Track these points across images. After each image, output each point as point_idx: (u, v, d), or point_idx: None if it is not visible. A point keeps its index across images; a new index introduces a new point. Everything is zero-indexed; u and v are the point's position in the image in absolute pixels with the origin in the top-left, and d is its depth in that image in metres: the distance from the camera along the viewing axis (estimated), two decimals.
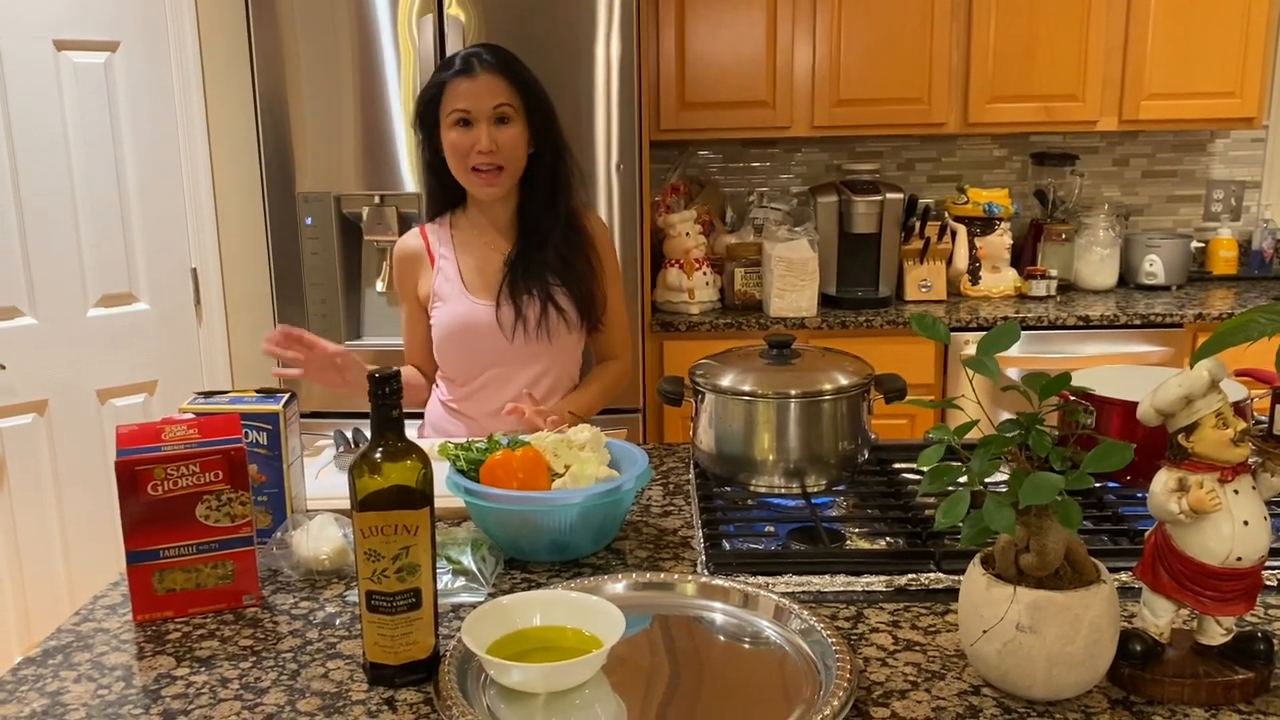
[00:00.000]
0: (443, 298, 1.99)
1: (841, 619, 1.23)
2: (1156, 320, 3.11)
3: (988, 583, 1.04)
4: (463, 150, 1.89)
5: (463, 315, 1.97)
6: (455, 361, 2.01)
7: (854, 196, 3.24)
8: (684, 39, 3.24)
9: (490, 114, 1.88)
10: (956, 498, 0.99)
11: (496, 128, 1.89)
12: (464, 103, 1.88)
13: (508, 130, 1.90)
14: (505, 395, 1.99)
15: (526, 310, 1.95)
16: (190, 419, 1.28)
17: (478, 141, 1.88)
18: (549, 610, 1.17)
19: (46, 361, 2.69)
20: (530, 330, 1.96)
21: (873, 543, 1.43)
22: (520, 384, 1.99)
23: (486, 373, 1.99)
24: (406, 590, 1.09)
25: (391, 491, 1.09)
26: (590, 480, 1.39)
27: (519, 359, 1.98)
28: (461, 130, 1.89)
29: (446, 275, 2.00)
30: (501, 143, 1.89)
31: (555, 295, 1.96)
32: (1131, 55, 3.25)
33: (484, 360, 1.99)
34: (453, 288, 1.99)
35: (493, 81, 1.89)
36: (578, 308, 1.99)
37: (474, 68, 1.90)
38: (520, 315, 1.95)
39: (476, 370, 2.00)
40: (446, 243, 2.02)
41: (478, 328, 1.96)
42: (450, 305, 1.98)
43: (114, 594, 1.35)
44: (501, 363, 1.98)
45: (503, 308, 1.95)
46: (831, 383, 1.53)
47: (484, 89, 1.89)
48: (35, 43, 2.58)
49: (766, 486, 1.56)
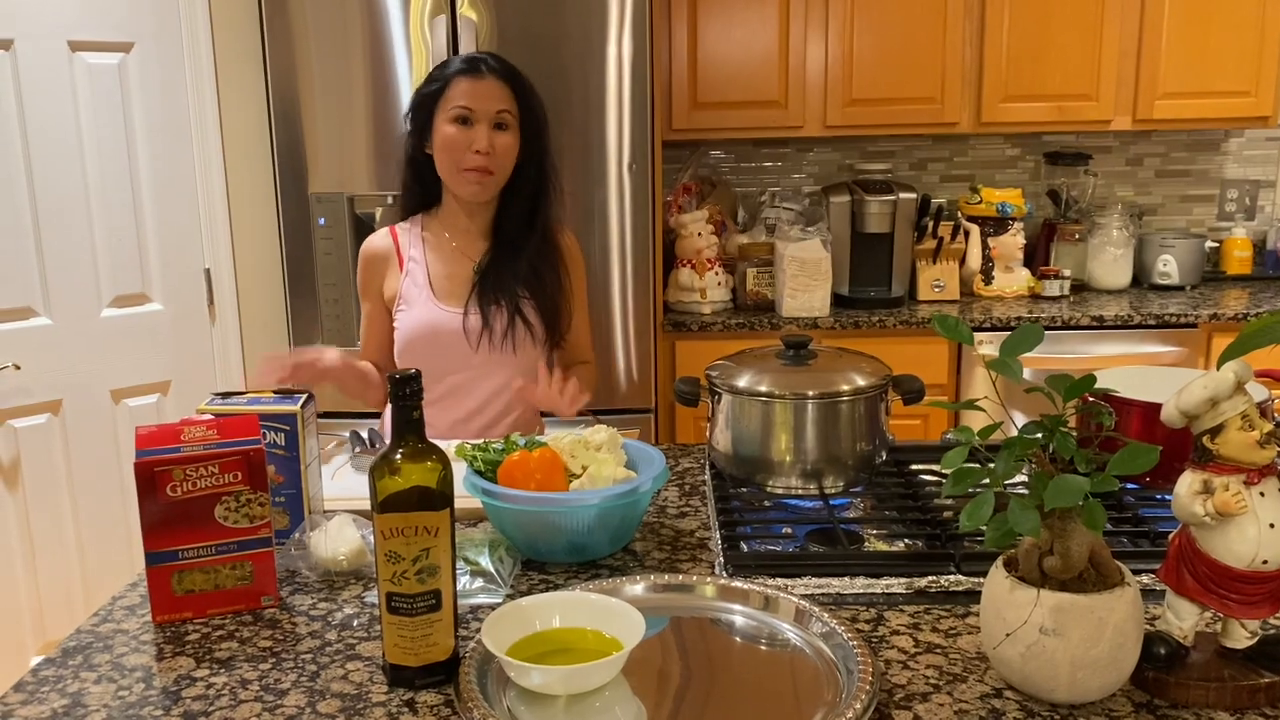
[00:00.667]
0: (409, 301, 1.98)
1: (862, 621, 1.22)
2: (1171, 320, 3.10)
3: (1011, 585, 1.03)
4: (458, 147, 1.88)
5: (428, 321, 1.95)
6: (418, 366, 1.98)
7: (867, 196, 3.23)
8: (696, 38, 3.24)
9: (491, 117, 1.88)
10: (980, 500, 0.99)
11: (494, 132, 1.89)
12: (467, 101, 1.88)
13: (504, 137, 1.90)
14: (466, 405, 1.98)
15: (493, 320, 1.94)
16: (209, 420, 1.29)
17: (475, 141, 1.87)
18: (568, 612, 1.16)
19: (61, 362, 2.70)
20: (496, 341, 1.94)
21: (891, 544, 1.43)
22: (481, 394, 1.98)
23: (447, 379, 1.97)
24: (427, 592, 1.09)
25: (412, 493, 1.09)
26: (608, 481, 1.39)
27: (482, 369, 1.96)
28: (460, 127, 1.88)
29: (415, 279, 1.98)
30: (497, 148, 1.89)
31: (523, 308, 1.95)
32: (1146, 54, 3.23)
33: (446, 368, 1.96)
34: (420, 292, 1.97)
35: (497, 87, 1.90)
36: (544, 322, 1.97)
37: (481, 70, 1.90)
38: (487, 325, 1.93)
39: (437, 377, 1.96)
40: (417, 245, 2.00)
41: (443, 334, 1.95)
42: (416, 310, 1.97)
43: (132, 595, 1.35)
44: (463, 370, 1.96)
45: (470, 316, 1.94)
46: (849, 384, 1.53)
47: (489, 92, 1.89)
48: (50, 43, 2.59)
49: (784, 488, 1.55)
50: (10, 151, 2.55)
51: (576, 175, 2.86)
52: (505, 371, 1.96)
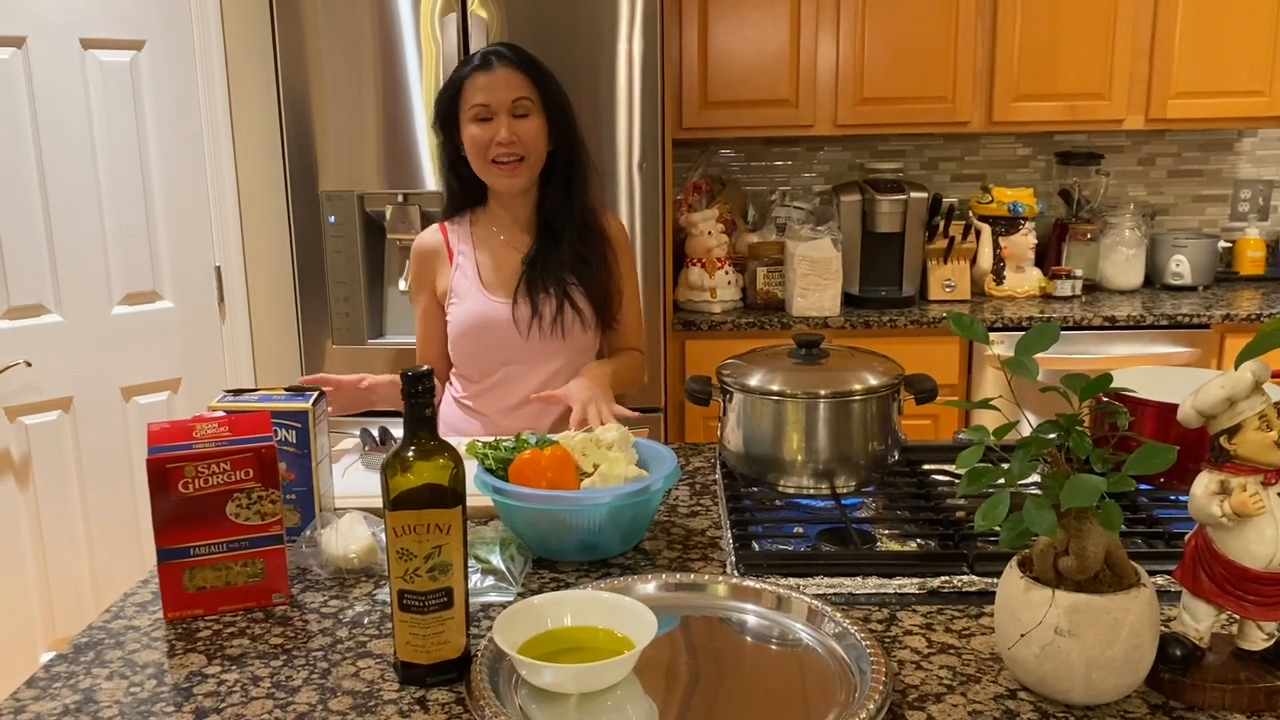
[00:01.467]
0: (460, 294, 2.00)
1: (874, 621, 1.21)
2: (1183, 321, 3.08)
3: (1025, 585, 1.03)
4: (483, 144, 1.90)
5: (479, 312, 1.97)
6: (470, 358, 2.01)
7: (878, 195, 3.22)
8: (707, 36, 3.23)
9: (509, 107, 1.89)
10: (996, 500, 0.98)
11: (515, 121, 1.89)
12: (482, 96, 1.89)
13: (527, 124, 1.90)
14: (520, 392, 2.00)
15: (542, 308, 1.95)
16: (221, 417, 1.28)
17: (497, 134, 1.88)
18: (580, 610, 1.16)
19: (71, 359, 2.70)
20: (545, 327, 1.96)
21: (903, 544, 1.42)
22: (535, 381, 1.99)
23: (501, 370, 2.00)
24: (438, 589, 1.09)
25: (424, 490, 1.09)
26: (619, 480, 1.39)
27: (534, 356, 1.98)
28: (481, 125, 1.90)
29: (464, 272, 2.00)
30: (521, 134, 1.89)
31: (571, 293, 1.96)
32: (1158, 53, 3.22)
33: (499, 357, 1.99)
34: (470, 285, 1.99)
35: (511, 76, 1.90)
36: (593, 306, 1.99)
37: (491, 63, 1.91)
38: (536, 312, 1.95)
39: (491, 367, 2.00)
40: (466, 240, 2.02)
41: (494, 324, 1.97)
42: (467, 302, 1.99)
43: (144, 591, 1.35)
44: (516, 360, 1.99)
45: (519, 305, 1.96)
46: (861, 383, 1.52)
47: (502, 82, 1.89)
48: (62, 41, 2.59)
49: (795, 487, 1.55)
50: (22, 149, 2.56)
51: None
52: (557, 359, 1.98)
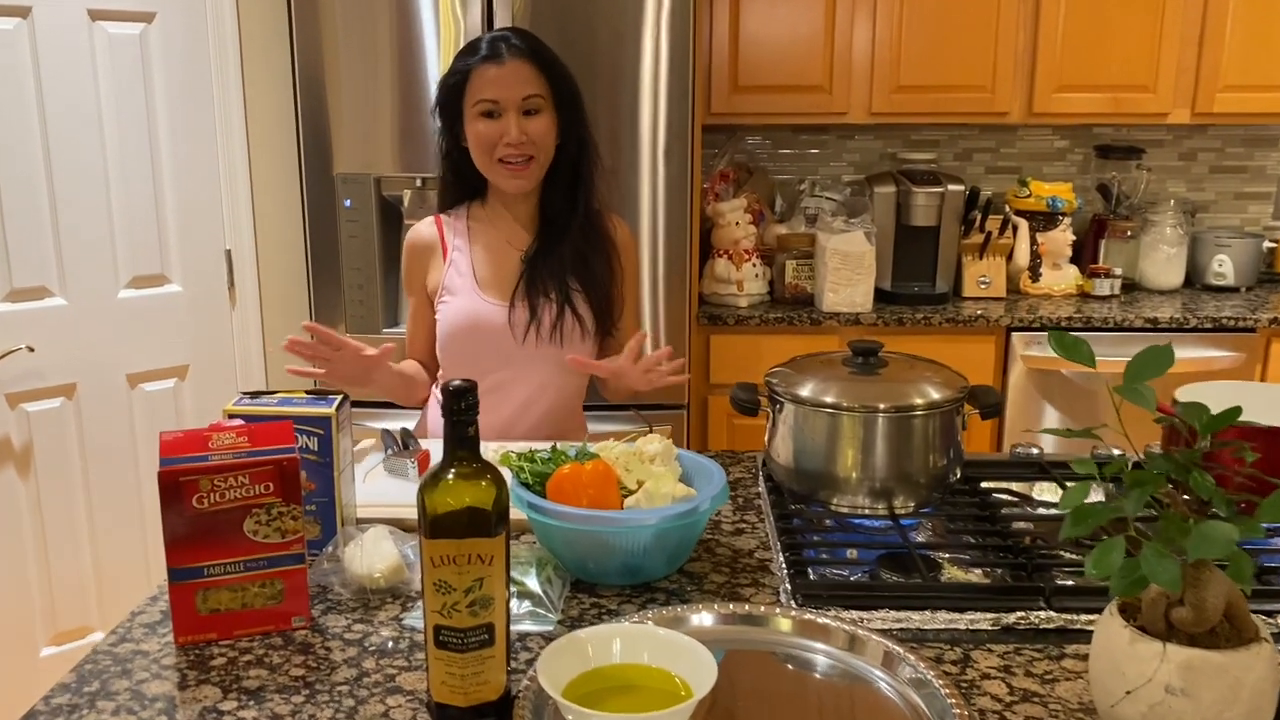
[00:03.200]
0: (452, 292, 1.87)
1: (948, 662, 1.12)
2: (1228, 324, 2.97)
3: (1131, 637, 0.93)
4: (490, 142, 1.77)
5: (471, 312, 1.85)
6: (458, 362, 1.88)
7: (914, 188, 3.10)
8: (738, 18, 3.11)
9: (519, 104, 1.76)
10: (1110, 545, 0.88)
11: (525, 118, 1.77)
12: (491, 91, 1.76)
13: (537, 121, 1.78)
14: (510, 404, 1.87)
15: (542, 312, 1.83)
16: (240, 425, 1.18)
17: (506, 133, 1.76)
18: (631, 646, 1.06)
19: (76, 344, 2.60)
20: (543, 334, 1.84)
21: (967, 571, 1.32)
22: (525, 391, 1.87)
23: (490, 376, 1.85)
24: (479, 626, 0.99)
25: (464, 515, 0.98)
26: (666, 499, 1.29)
27: (527, 364, 1.86)
28: (488, 121, 1.77)
29: (459, 269, 1.87)
30: (531, 133, 1.77)
31: (573, 299, 1.84)
32: (1208, 45, 3.09)
33: (489, 363, 1.85)
34: (464, 282, 1.86)
35: (522, 69, 1.77)
36: (594, 313, 1.87)
37: (502, 54, 1.77)
38: (535, 317, 1.83)
39: (479, 374, 1.83)
40: (461, 234, 1.89)
41: (487, 327, 1.84)
42: (459, 300, 1.86)
43: (152, 610, 1.25)
44: (507, 366, 1.86)
45: (517, 308, 1.83)
46: (923, 396, 1.42)
47: (513, 77, 1.76)
48: (69, 12, 2.48)
49: (849, 506, 1.45)
50: (27, 124, 2.45)
51: (611, 160, 2.73)
52: (548, 368, 1.86)
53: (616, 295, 1.90)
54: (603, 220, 1.91)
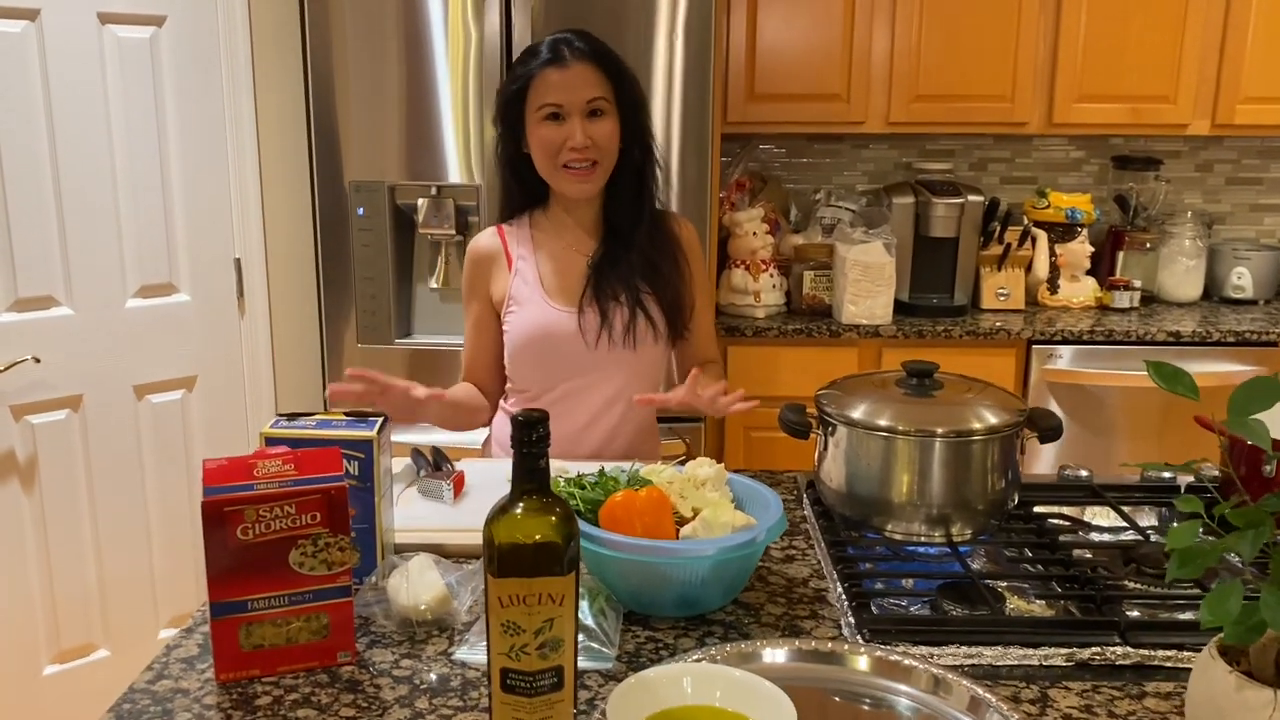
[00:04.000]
0: (520, 302, 1.83)
1: (1026, 702, 1.07)
2: (1250, 338, 2.94)
3: (1238, 683, 0.88)
4: (554, 147, 1.73)
5: (541, 321, 1.81)
6: (529, 372, 1.85)
7: (933, 198, 3.06)
8: (755, 26, 3.06)
9: (584, 107, 1.72)
10: (1228, 590, 0.83)
11: (590, 121, 1.72)
12: (555, 96, 1.72)
13: (602, 124, 1.73)
14: (582, 411, 1.83)
15: (613, 316, 1.79)
16: (285, 452, 1.13)
17: (571, 137, 1.71)
18: (702, 686, 1.01)
19: (82, 354, 2.54)
20: (616, 338, 1.79)
21: (1030, 602, 1.28)
22: (599, 398, 1.83)
23: (561, 385, 1.83)
24: (548, 669, 0.94)
25: (531, 550, 0.94)
26: (725, 528, 1.24)
27: (598, 370, 1.82)
28: (552, 125, 1.72)
29: (525, 278, 1.83)
30: (596, 137, 1.72)
31: (644, 300, 1.80)
32: (1228, 56, 3.06)
33: (560, 372, 1.82)
34: (531, 292, 1.82)
35: (586, 72, 1.73)
36: (665, 315, 1.83)
37: (565, 57, 1.73)
38: (606, 321, 1.79)
39: (551, 383, 1.83)
40: (525, 244, 1.85)
41: (557, 335, 1.80)
42: (528, 310, 1.82)
43: (188, 644, 1.20)
44: (579, 374, 1.82)
45: (586, 313, 1.79)
46: (981, 421, 1.38)
47: (577, 80, 1.72)
48: (78, 14, 2.42)
49: (904, 533, 1.40)
50: (34, 129, 2.39)
51: None
52: (623, 374, 1.82)
53: (686, 296, 1.86)
54: (668, 221, 1.87)
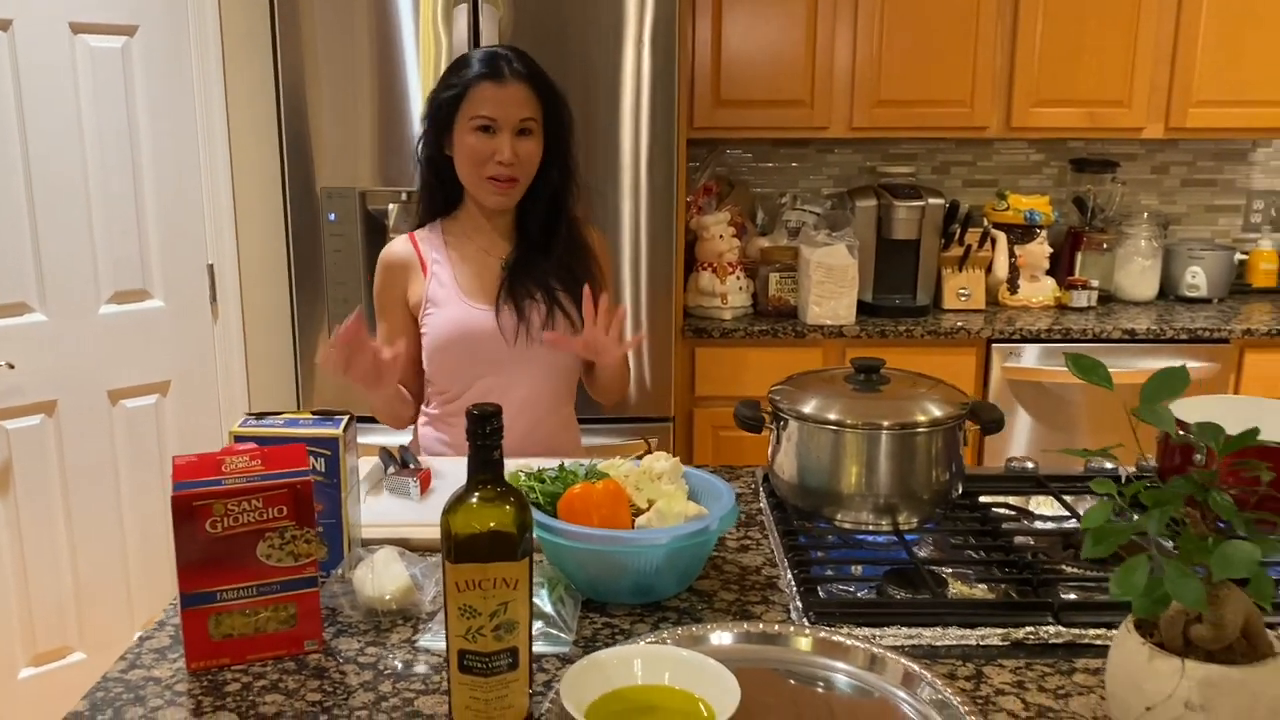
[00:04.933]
0: (437, 303, 1.88)
1: (961, 679, 1.13)
2: (1203, 335, 3.03)
3: (1149, 654, 0.94)
4: (481, 157, 1.80)
5: (460, 320, 1.86)
6: (448, 371, 1.89)
7: (895, 201, 3.13)
8: (720, 33, 3.13)
9: (515, 125, 1.79)
10: (1134, 565, 0.89)
11: (517, 139, 1.80)
12: (490, 109, 1.78)
13: (528, 143, 1.81)
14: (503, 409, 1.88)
15: (530, 314, 1.85)
16: (252, 449, 1.18)
17: (499, 151, 1.78)
18: (652, 667, 1.07)
19: (56, 360, 2.57)
20: (534, 334, 1.85)
21: (972, 586, 1.34)
22: (516, 396, 1.87)
23: (479, 384, 1.88)
24: (504, 650, 0.99)
25: (487, 539, 0.99)
26: (678, 518, 1.29)
27: (516, 367, 1.87)
28: (481, 137, 1.79)
29: (441, 280, 1.88)
30: (521, 156, 1.80)
31: (560, 298, 1.87)
32: (1180, 61, 3.15)
33: (479, 369, 1.87)
34: (448, 292, 1.88)
35: (521, 92, 1.80)
36: (581, 313, 1.87)
37: (503, 74, 1.79)
38: (524, 318, 1.85)
39: (469, 381, 1.88)
40: (438, 248, 1.91)
41: (476, 333, 1.85)
42: (446, 310, 1.87)
43: (161, 635, 1.24)
44: (497, 371, 1.88)
45: (503, 311, 1.85)
46: (926, 414, 1.43)
47: (512, 99, 1.79)
48: (51, 24, 2.45)
49: (853, 522, 1.46)
50: (7, 138, 2.42)
51: (594, 174, 2.75)
52: (540, 371, 1.88)
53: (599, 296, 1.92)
54: (581, 230, 1.94)
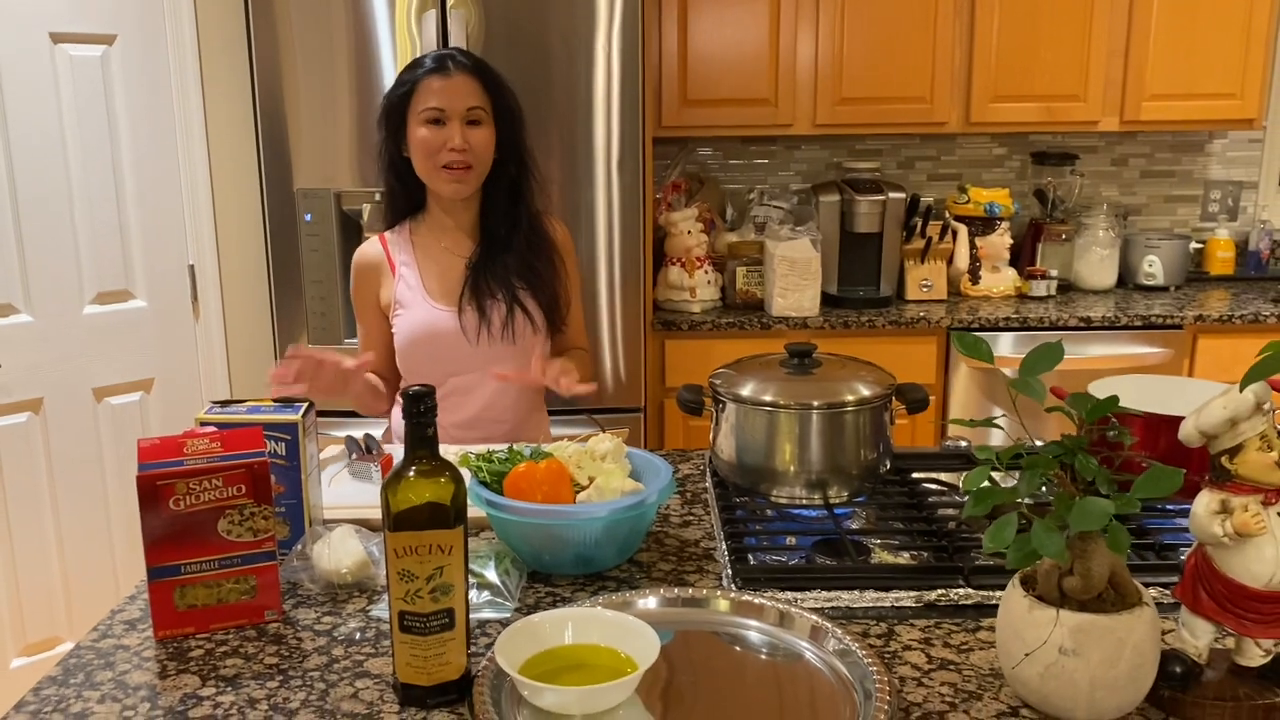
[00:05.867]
0: (404, 305, 1.96)
1: (873, 636, 1.22)
2: (1156, 322, 3.12)
3: (1029, 605, 1.03)
4: (433, 148, 1.87)
5: (425, 321, 1.94)
6: (418, 370, 1.97)
7: (856, 196, 3.23)
8: (686, 35, 3.22)
9: (463, 114, 1.87)
10: (1004, 521, 0.98)
11: (468, 128, 1.88)
12: (437, 100, 1.86)
13: (478, 131, 1.89)
14: (471, 404, 1.97)
15: (491, 313, 1.93)
16: (212, 432, 1.26)
17: (450, 140, 1.86)
18: (581, 628, 1.15)
19: (42, 359, 2.65)
20: (495, 333, 1.93)
21: (896, 555, 1.43)
22: (485, 391, 1.96)
23: (450, 380, 1.96)
24: (440, 610, 1.08)
25: (425, 510, 1.07)
26: (615, 493, 1.38)
27: (483, 364, 1.95)
28: (433, 128, 1.87)
29: (408, 282, 1.97)
30: (473, 143, 1.88)
31: (520, 297, 1.94)
32: (1133, 56, 3.25)
33: (447, 368, 1.95)
34: (414, 294, 1.96)
35: (467, 82, 1.88)
36: (544, 310, 1.97)
37: (449, 67, 1.88)
38: (485, 318, 1.93)
39: (439, 378, 1.95)
40: (406, 250, 1.99)
41: (440, 334, 1.94)
42: (412, 312, 1.96)
43: (131, 609, 1.33)
44: (465, 369, 1.96)
45: (466, 312, 1.93)
46: (854, 393, 1.52)
47: (459, 89, 1.87)
48: (32, 35, 2.54)
49: (788, 497, 1.55)
50: None
51: (565, 172, 2.84)
52: (506, 366, 1.95)
53: (563, 292, 2.00)
54: (543, 223, 2.01)
